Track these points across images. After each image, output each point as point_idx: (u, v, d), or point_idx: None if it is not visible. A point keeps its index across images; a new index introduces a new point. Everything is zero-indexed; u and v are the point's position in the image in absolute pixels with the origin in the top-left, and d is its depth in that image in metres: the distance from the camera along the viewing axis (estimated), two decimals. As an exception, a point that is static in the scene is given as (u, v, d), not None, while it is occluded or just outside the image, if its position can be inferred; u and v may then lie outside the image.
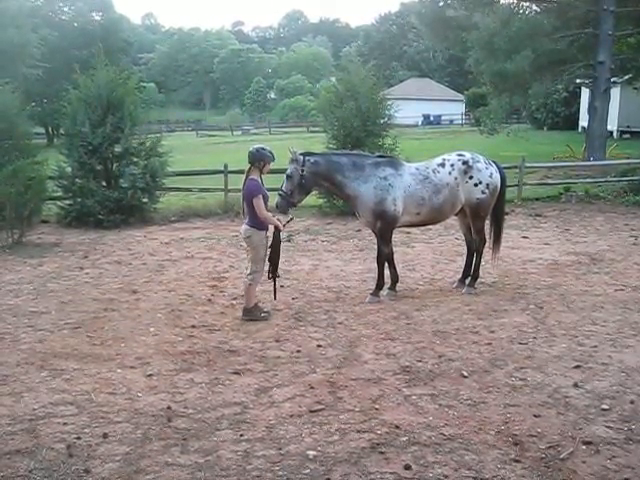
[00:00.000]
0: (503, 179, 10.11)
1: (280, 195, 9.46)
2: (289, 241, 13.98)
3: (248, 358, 7.46)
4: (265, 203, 8.92)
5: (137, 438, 5.67)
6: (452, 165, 9.73)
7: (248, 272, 9.06)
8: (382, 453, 5.31)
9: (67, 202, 17.16)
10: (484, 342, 7.86)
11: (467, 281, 10.21)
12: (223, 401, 6.36)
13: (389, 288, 9.94)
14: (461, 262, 11.51)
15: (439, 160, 9.89)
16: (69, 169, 17.18)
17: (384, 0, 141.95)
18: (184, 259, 12.73)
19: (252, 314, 8.97)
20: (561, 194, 19.97)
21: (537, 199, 19.72)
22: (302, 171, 9.34)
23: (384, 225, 9.59)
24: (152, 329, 8.56)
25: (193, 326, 8.64)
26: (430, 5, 32.63)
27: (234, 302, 9.74)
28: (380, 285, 9.76)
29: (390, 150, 17.49)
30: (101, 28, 67.66)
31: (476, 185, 9.71)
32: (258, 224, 8.93)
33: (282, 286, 10.39)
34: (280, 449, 5.41)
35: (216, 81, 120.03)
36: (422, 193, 9.54)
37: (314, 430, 5.73)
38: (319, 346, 7.79)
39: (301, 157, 9.39)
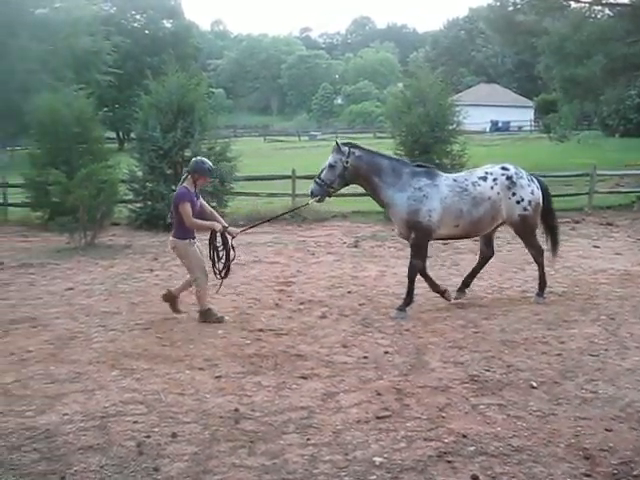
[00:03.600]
0: (545, 192, 9.89)
1: (317, 183, 9.34)
2: (355, 247, 14.02)
3: (315, 363, 7.48)
4: (193, 212, 8.95)
5: (205, 439, 5.74)
6: (495, 179, 9.45)
7: (192, 280, 9.26)
8: (449, 462, 5.27)
9: (138, 205, 17.53)
10: (554, 353, 7.73)
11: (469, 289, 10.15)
12: (290, 405, 6.39)
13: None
14: (530, 271, 11.40)
15: (481, 173, 9.61)
16: (140, 173, 17.53)
17: (452, 5, 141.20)
18: (252, 263, 12.85)
19: (207, 316, 9.16)
20: (633, 202, 19.57)
21: (608, 207, 19.37)
22: (346, 162, 9.19)
23: (419, 237, 9.29)
24: (220, 332, 8.66)
25: (260, 330, 8.71)
26: (499, 10, 32.23)
27: (301, 307, 9.80)
28: (408, 302, 9.41)
29: (458, 157, 17.40)
30: (171, 35, 68.95)
31: (518, 202, 9.45)
32: (180, 233, 9.07)
33: (349, 292, 10.43)
34: (346, 455, 5.41)
35: (283, 87, 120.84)
36: (460, 205, 9.25)
37: (380, 437, 5.72)
38: (386, 352, 7.77)
39: (346, 148, 9.26)
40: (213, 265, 9.35)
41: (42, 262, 13.15)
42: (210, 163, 9.33)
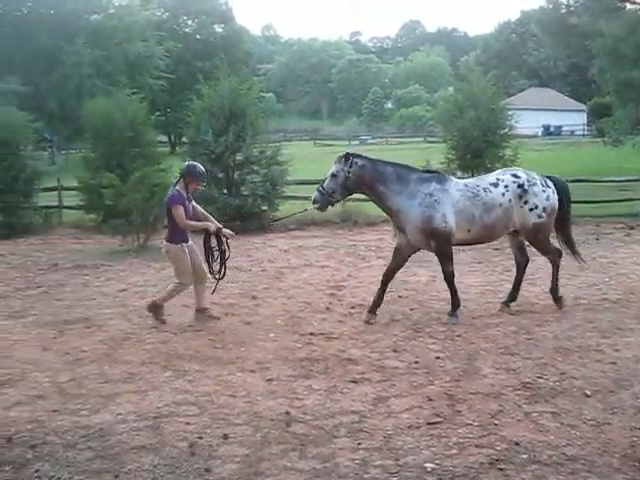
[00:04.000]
0: (565, 193, 9.68)
1: (319, 191, 9.36)
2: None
3: (366, 367, 7.46)
4: (186, 215, 9.11)
5: (256, 441, 5.76)
6: (506, 186, 9.21)
7: (177, 282, 9.43)
8: (501, 470, 5.20)
9: (190, 208, 17.67)
10: (608, 361, 7.57)
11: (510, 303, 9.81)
12: (341, 409, 6.39)
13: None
14: (583, 277, 11.23)
15: (492, 179, 9.41)
16: (192, 177, 17.67)
17: (504, 8, 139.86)
18: (303, 267, 12.89)
19: (156, 310, 9.35)
20: (690, 208, 19.11)
21: (665, 213, 18.94)
22: (348, 172, 9.15)
23: (440, 243, 9.12)
24: (271, 335, 8.71)
25: (312, 333, 8.72)
26: (552, 12, 31.86)
27: (352, 311, 9.79)
28: (457, 304, 9.35)
29: (510, 161, 17.22)
30: (223, 40, 69.57)
31: (531, 210, 9.19)
32: (173, 237, 9.24)
33: (400, 296, 10.38)
34: (397, 460, 5.39)
35: (334, 91, 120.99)
36: (472, 210, 9.07)
37: (432, 443, 5.67)
38: (437, 358, 7.71)
39: (349, 158, 9.22)
40: (209, 266, 9.52)
41: (96, 264, 13.37)
42: (202, 167, 9.57)
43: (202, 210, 9.77)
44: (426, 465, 5.29)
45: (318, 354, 7.93)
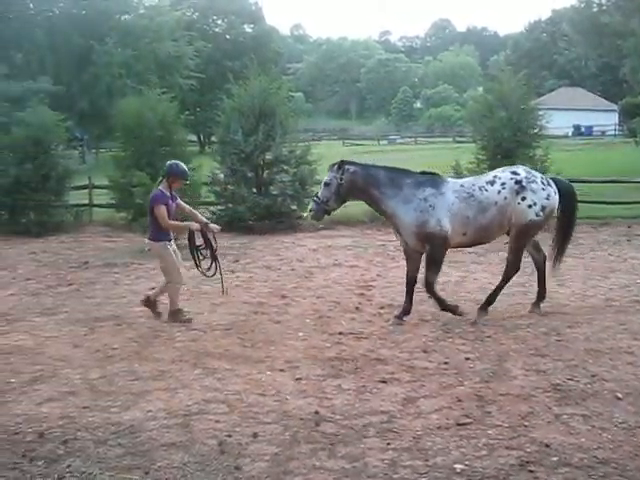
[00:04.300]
0: (571, 197, 9.50)
1: (315, 201, 9.38)
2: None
3: (395, 367, 7.45)
4: (169, 214, 9.18)
5: (286, 440, 5.78)
6: (503, 184, 9.06)
7: (167, 282, 9.49)
8: (531, 472, 5.17)
9: (219, 207, 17.77)
10: (640, 363, 7.54)
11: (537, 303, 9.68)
12: (370, 409, 6.38)
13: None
14: (614, 279, 11.13)
15: (489, 177, 9.29)
16: (222, 175, 17.77)
17: (535, 7, 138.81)
18: (332, 266, 12.90)
19: (175, 317, 9.39)
20: None
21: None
22: (340, 179, 9.14)
23: (436, 248, 9.06)
24: (301, 334, 8.73)
25: (341, 333, 8.73)
26: (584, 11, 31.59)
27: (381, 311, 9.79)
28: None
29: (541, 162, 17.09)
30: (252, 39, 69.81)
31: (530, 207, 8.97)
32: (156, 235, 9.32)
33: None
34: (427, 460, 5.37)
35: (362, 90, 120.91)
36: (466, 212, 8.95)
37: (461, 443, 5.65)
38: (467, 359, 7.68)
39: (341, 166, 9.21)
40: (196, 265, 9.59)
41: (126, 262, 13.48)
42: (184, 166, 9.62)
43: (188, 207, 9.93)
44: (455, 466, 5.27)
45: (347, 354, 7.93)
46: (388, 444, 5.66)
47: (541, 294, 9.72)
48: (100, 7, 45.68)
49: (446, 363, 7.56)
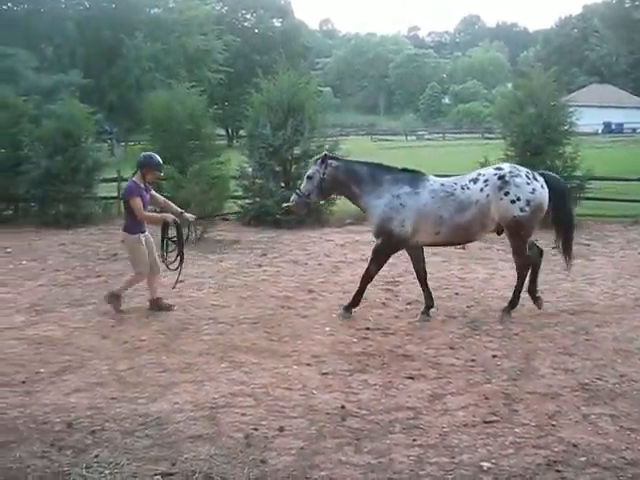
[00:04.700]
0: (562, 193, 9.25)
1: (297, 194, 9.45)
2: (463, 248, 13.82)
3: (422, 364, 7.44)
4: (144, 206, 9.33)
5: (312, 434, 5.79)
6: (486, 181, 8.86)
7: (135, 274, 9.64)
8: (559, 472, 5.14)
9: (247, 201, 17.83)
10: (670, 364, 7.44)
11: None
12: (396, 405, 6.38)
13: (422, 312, 9.36)
14: (645, 278, 11.03)
15: (473, 175, 9.10)
16: (250, 170, 17.82)
17: (565, 3, 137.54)
18: (359, 261, 12.84)
19: (114, 301, 9.61)
20: None
21: None
22: (323, 174, 9.19)
23: (385, 244, 9.09)
24: (327, 329, 8.73)
25: (367, 328, 8.72)
26: (615, 7, 31.26)
27: (408, 306, 9.77)
28: (356, 302, 9.32)
29: (571, 159, 16.95)
30: (281, 34, 69.91)
31: (513, 202, 8.69)
32: (129, 228, 9.44)
33: (457, 294, 10.33)
34: (453, 458, 5.36)
35: (391, 86, 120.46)
36: (440, 212, 8.79)
37: (488, 441, 5.63)
38: (494, 356, 7.65)
39: (325, 160, 9.25)
40: (163, 257, 9.68)
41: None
42: (158, 157, 9.69)
43: (163, 198, 10.10)
44: (482, 464, 5.26)
45: (374, 349, 7.92)
46: (414, 440, 5.66)
47: (533, 294, 9.48)
48: (130, 1, 46.01)
49: (473, 360, 7.53)
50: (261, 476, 5.12)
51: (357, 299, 9.35)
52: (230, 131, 64.22)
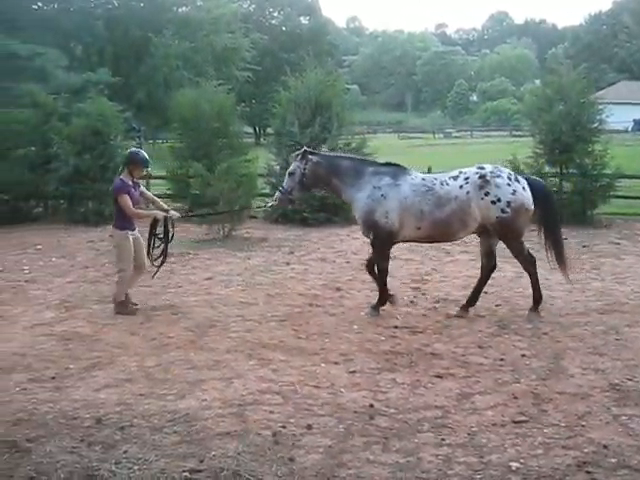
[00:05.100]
0: (544, 196, 9.06)
1: (279, 191, 9.50)
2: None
3: (450, 362, 7.40)
4: (133, 203, 9.37)
5: (340, 432, 5.78)
6: (467, 178, 8.80)
7: (117, 270, 9.65)
8: (589, 473, 5.08)
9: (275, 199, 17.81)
10: (703, 365, 7.33)
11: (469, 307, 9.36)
12: (425, 404, 6.35)
13: (372, 307, 9.42)
14: (678, 276, 10.90)
15: (454, 172, 9.06)
16: (277, 167, 17.82)
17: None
18: (386, 260, 12.86)
19: (121, 308, 9.45)
20: None
21: None
22: (304, 169, 9.25)
23: (378, 238, 9.10)
24: (355, 327, 8.72)
25: (395, 327, 8.70)
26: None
27: (436, 305, 9.73)
28: (383, 300, 9.33)
29: (600, 157, 16.79)
30: (308, 32, 70.05)
31: (494, 203, 8.65)
32: (119, 224, 9.48)
33: (485, 292, 10.22)
34: (482, 457, 5.32)
35: (418, 83, 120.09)
36: (421, 206, 8.78)
37: (517, 441, 5.59)
38: (523, 356, 7.59)
39: (305, 155, 9.30)
40: (148, 252, 9.70)
41: (182, 252, 13.59)
42: (144, 153, 9.74)
43: (151, 194, 10.26)
44: (511, 464, 5.22)
45: (402, 347, 7.90)
46: (442, 439, 5.63)
47: (471, 302, 9.37)
48: (158, 0, 46.26)
49: (502, 359, 7.48)
50: (289, 474, 5.12)
51: (383, 297, 9.35)
52: (257, 129, 64.43)
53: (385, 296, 9.38)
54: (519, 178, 8.96)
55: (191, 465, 5.24)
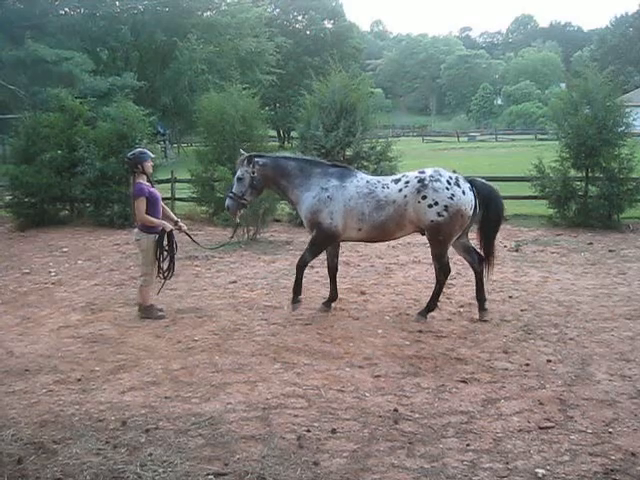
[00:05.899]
0: (490, 199, 9.00)
1: (230, 197, 9.50)
2: (517, 251, 13.70)
3: (475, 367, 7.35)
4: (156, 203, 9.39)
5: (364, 437, 5.76)
6: (407, 182, 8.81)
7: (140, 275, 9.61)
8: (616, 480, 5.04)
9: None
10: None
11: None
12: (449, 409, 6.32)
13: (323, 303, 9.70)
14: None
15: (398, 175, 9.17)
16: (302, 171, 17.82)
17: (621, 1, 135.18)
18: (411, 263, 12.82)
19: (148, 313, 9.41)
20: None
21: None
22: (253, 173, 9.34)
23: (318, 237, 9.16)
24: (380, 331, 8.68)
25: (420, 331, 8.66)
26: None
27: (461, 309, 9.68)
28: (296, 292, 9.55)
29: (627, 160, 16.65)
30: (332, 35, 70.11)
31: (430, 206, 8.64)
32: (147, 228, 9.33)
33: (510, 297, 10.19)
34: (507, 463, 5.28)
35: (442, 87, 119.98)
36: (363, 208, 8.86)
37: (543, 448, 5.53)
38: (549, 361, 7.52)
39: (251, 160, 9.36)
40: (158, 265, 9.59)
41: (207, 255, 13.65)
42: (140, 148, 9.90)
43: (162, 204, 10.03)
44: (537, 470, 5.16)
45: (427, 352, 7.86)
46: (467, 445, 5.59)
47: (481, 301, 9.30)
48: (183, 4, 46.60)
49: (527, 365, 7.42)
50: (313, 478, 5.11)
51: (297, 289, 9.57)
52: (282, 133, 64.53)
53: (295, 289, 9.56)
54: (460, 182, 8.89)
55: (215, 468, 5.25)
